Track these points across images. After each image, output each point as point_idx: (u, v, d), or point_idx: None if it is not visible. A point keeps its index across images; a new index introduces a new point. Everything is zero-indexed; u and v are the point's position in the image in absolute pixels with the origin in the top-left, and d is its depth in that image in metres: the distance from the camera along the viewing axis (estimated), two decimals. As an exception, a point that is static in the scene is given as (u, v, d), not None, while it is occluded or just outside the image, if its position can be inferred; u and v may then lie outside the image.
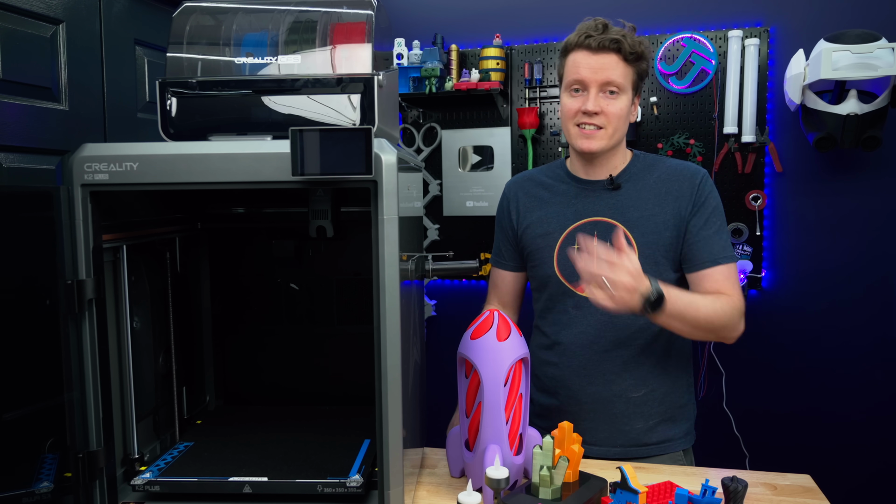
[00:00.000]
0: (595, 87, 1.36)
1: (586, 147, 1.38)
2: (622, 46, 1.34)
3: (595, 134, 1.37)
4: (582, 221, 1.44)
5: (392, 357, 1.01)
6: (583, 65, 1.36)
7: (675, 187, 1.42)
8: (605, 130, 1.37)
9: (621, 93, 1.37)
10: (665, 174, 1.44)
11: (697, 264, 1.39)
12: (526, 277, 1.59)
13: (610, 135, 1.38)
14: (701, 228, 1.39)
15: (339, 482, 1.08)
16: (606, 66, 1.35)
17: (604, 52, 1.35)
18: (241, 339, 1.52)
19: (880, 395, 2.43)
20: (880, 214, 2.40)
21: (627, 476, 0.99)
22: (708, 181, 1.43)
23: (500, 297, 1.61)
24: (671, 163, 1.46)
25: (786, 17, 2.43)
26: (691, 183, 1.41)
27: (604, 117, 1.36)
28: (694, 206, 1.40)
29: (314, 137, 0.96)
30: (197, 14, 1.17)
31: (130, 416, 1.18)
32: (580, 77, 1.37)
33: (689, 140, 2.53)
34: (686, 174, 1.43)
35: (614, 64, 1.35)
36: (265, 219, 1.47)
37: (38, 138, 1.55)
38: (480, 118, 2.79)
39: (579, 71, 1.37)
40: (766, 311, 2.51)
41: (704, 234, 1.39)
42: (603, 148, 1.39)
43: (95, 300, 1.04)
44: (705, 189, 1.41)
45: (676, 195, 1.41)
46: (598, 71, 1.35)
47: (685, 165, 1.45)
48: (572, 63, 1.38)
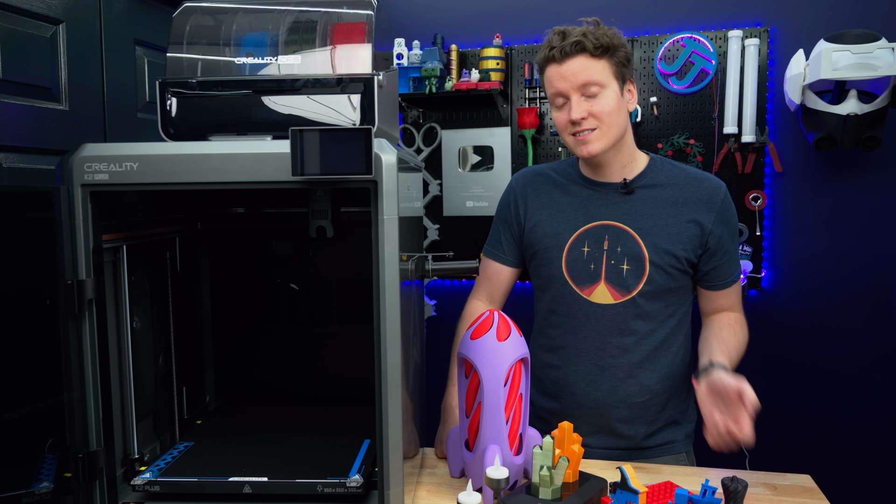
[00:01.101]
0: (575, 94, 1.34)
1: (586, 152, 1.36)
2: (585, 45, 1.32)
3: (589, 137, 1.35)
4: (592, 224, 1.42)
5: (392, 357, 1.01)
6: (555, 77, 1.35)
7: (694, 198, 1.40)
8: (598, 130, 1.35)
9: (603, 89, 1.33)
10: (684, 184, 1.41)
11: (718, 284, 1.44)
12: (519, 274, 1.56)
13: (605, 133, 1.35)
14: (725, 249, 1.41)
15: (340, 482, 1.08)
16: (576, 69, 1.33)
17: (570, 58, 1.33)
18: (241, 339, 1.52)
19: (881, 395, 2.43)
20: (880, 214, 2.40)
21: (627, 476, 0.99)
22: (729, 199, 1.42)
23: (491, 292, 1.57)
24: (690, 172, 1.44)
25: (786, 17, 2.43)
26: (714, 197, 1.40)
27: (593, 119, 1.34)
28: (719, 231, 1.40)
29: (314, 137, 0.96)
30: (197, 14, 1.17)
31: (130, 416, 1.18)
32: (557, 89, 1.35)
33: (689, 140, 2.53)
34: (708, 187, 1.41)
35: (583, 64, 1.32)
36: (265, 219, 1.47)
37: (38, 138, 1.55)
38: (480, 118, 2.79)
39: (554, 84, 1.36)
40: (766, 311, 2.51)
41: (726, 254, 1.42)
42: (603, 148, 1.36)
43: (95, 300, 1.04)
44: (728, 210, 1.41)
45: (696, 207, 1.39)
46: (570, 77, 1.33)
47: (706, 177, 1.43)
48: (547, 79, 1.38)
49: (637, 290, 1.38)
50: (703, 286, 1.45)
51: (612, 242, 1.39)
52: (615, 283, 1.39)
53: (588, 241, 1.41)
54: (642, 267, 1.38)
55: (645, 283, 1.38)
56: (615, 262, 1.39)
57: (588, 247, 1.41)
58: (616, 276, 1.39)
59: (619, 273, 1.39)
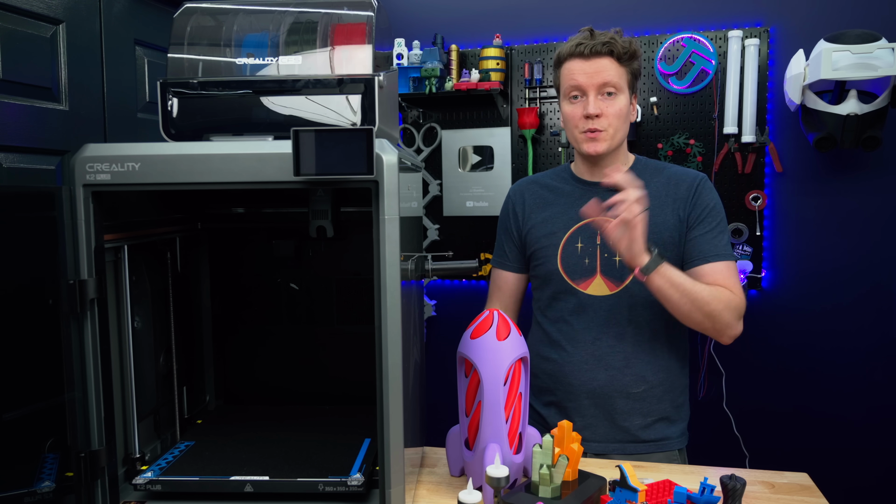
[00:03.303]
0: (593, 91, 1.39)
1: (592, 150, 1.42)
2: (614, 48, 1.38)
3: (599, 136, 1.41)
4: (585, 221, 1.46)
5: (393, 357, 1.01)
6: (578, 71, 1.40)
7: (674, 191, 1.46)
8: (607, 132, 1.41)
9: (619, 93, 1.40)
10: (667, 179, 1.48)
11: (696, 260, 1.42)
12: (527, 279, 1.60)
13: (612, 135, 1.42)
14: (699, 227, 1.43)
15: (341, 481, 1.08)
16: (601, 69, 1.38)
17: (597, 57, 1.39)
18: (241, 339, 1.53)
19: (881, 395, 2.43)
20: (880, 214, 2.40)
21: (627, 474, 0.99)
22: (706, 184, 1.47)
23: (503, 299, 1.62)
24: (673, 169, 1.51)
25: (786, 17, 2.44)
26: (690, 186, 1.46)
27: (605, 119, 1.40)
28: (693, 207, 1.43)
29: (316, 138, 0.96)
30: (198, 15, 1.18)
31: (132, 416, 1.19)
32: (577, 83, 1.40)
33: (689, 140, 2.54)
34: (686, 178, 1.47)
35: (608, 66, 1.39)
36: (265, 219, 1.47)
37: (39, 138, 1.56)
38: (480, 118, 2.79)
39: (575, 77, 1.40)
40: (766, 311, 2.52)
41: (702, 231, 1.43)
42: (608, 149, 1.43)
43: (97, 300, 1.04)
44: (703, 191, 1.45)
45: (675, 198, 1.45)
46: (594, 75, 1.39)
47: (686, 171, 1.50)
48: (567, 72, 1.42)
49: (630, 279, 1.42)
50: (687, 265, 1.43)
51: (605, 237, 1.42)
52: (609, 275, 1.44)
53: (581, 238, 1.46)
54: None
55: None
56: (608, 255, 1.44)
57: (582, 242, 1.46)
58: (610, 267, 1.44)
59: (612, 265, 1.44)
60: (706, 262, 1.41)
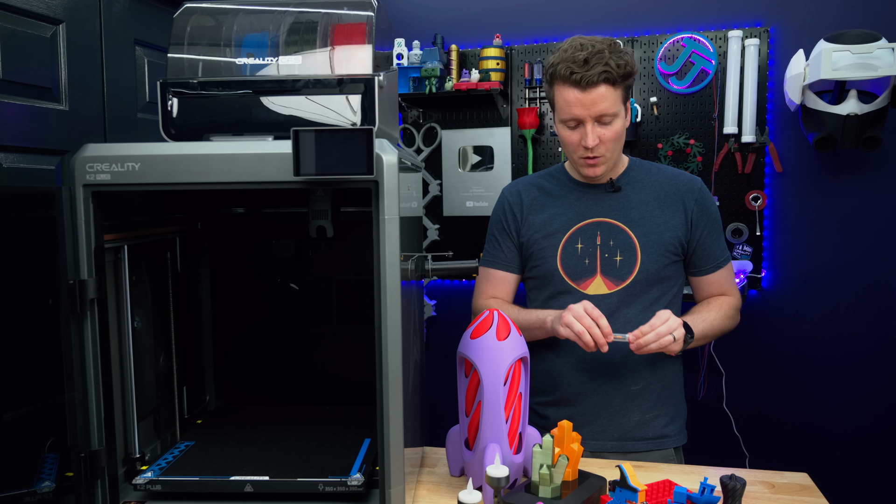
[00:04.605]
0: (590, 122, 1.36)
1: (592, 174, 1.44)
2: (610, 76, 1.33)
3: (597, 161, 1.42)
4: (585, 222, 1.47)
5: (393, 357, 1.01)
6: (574, 103, 1.35)
7: (674, 192, 1.49)
8: (605, 156, 1.41)
9: (616, 117, 1.38)
10: (664, 180, 1.50)
11: (703, 270, 1.51)
12: (520, 279, 1.60)
13: (610, 157, 1.43)
14: (706, 237, 1.49)
15: (341, 481, 1.08)
16: (598, 99, 1.34)
17: (593, 87, 1.33)
18: (241, 339, 1.53)
19: (881, 395, 2.43)
20: (880, 214, 2.40)
21: (627, 474, 0.99)
22: (706, 190, 1.51)
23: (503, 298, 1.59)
24: (668, 170, 1.54)
25: (786, 17, 2.44)
26: (691, 192, 1.48)
27: (602, 146, 1.39)
28: (699, 216, 1.47)
29: (316, 138, 0.96)
30: (198, 15, 1.18)
31: (132, 416, 1.19)
32: (574, 115, 1.37)
33: (689, 140, 2.54)
34: (685, 182, 1.50)
35: (605, 95, 1.34)
36: (265, 219, 1.47)
37: (39, 138, 1.56)
38: (480, 118, 2.79)
39: (572, 110, 1.36)
40: (766, 312, 2.52)
41: (708, 242, 1.49)
42: (606, 171, 1.46)
43: (97, 300, 1.04)
44: (707, 197, 1.50)
45: (676, 200, 1.48)
46: (591, 106, 1.34)
47: (682, 173, 1.53)
48: (563, 100, 1.37)
49: (631, 279, 1.44)
50: (692, 273, 1.52)
51: (605, 237, 1.46)
52: (610, 275, 1.45)
53: (581, 238, 1.47)
54: (634, 256, 1.44)
55: (638, 271, 1.44)
56: (609, 255, 1.45)
57: (582, 243, 1.47)
58: (610, 267, 1.45)
59: (613, 265, 1.45)
60: (715, 271, 1.50)
